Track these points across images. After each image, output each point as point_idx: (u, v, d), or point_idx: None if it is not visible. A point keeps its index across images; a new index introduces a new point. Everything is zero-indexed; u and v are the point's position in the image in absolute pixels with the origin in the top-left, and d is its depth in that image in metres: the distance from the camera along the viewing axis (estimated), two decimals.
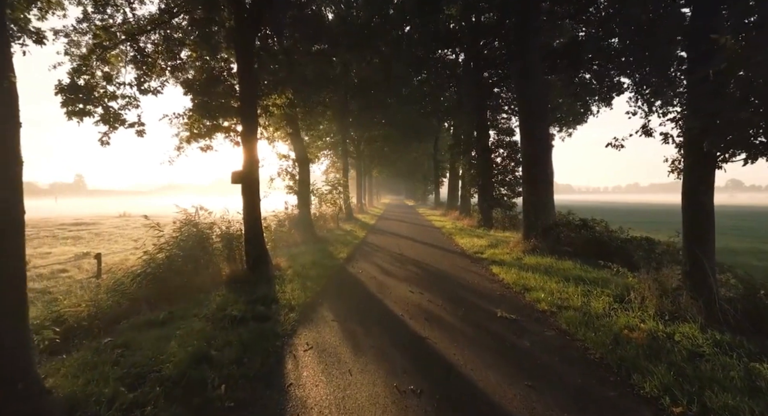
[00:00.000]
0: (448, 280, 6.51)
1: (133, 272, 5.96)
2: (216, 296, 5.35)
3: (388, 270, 7.32)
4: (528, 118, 8.95)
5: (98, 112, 6.87)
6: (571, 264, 7.02)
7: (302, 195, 11.47)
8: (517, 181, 15.33)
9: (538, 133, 8.86)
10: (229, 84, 6.96)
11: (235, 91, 6.54)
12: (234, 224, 7.19)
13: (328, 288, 5.94)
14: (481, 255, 8.86)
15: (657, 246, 7.78)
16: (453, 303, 5.10)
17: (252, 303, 4.91)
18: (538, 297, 5.17)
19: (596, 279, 5.81)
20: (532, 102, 8.85)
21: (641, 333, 3.70)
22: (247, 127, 6.64)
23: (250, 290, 5.65)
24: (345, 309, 4.91)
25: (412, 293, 5.67)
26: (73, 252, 10.65)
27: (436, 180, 32.80)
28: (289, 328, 4.18)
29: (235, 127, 7.07)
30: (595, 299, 4.87)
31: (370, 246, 10.64)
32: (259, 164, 6.84)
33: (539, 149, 8.86)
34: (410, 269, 7.46)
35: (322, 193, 15.76)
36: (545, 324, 4.28)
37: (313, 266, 7.39)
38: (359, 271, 7.27)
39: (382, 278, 6.68)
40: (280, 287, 5.79)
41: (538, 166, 8.84)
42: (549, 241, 8.48)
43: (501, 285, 6.17)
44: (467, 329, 4.15)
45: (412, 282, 6.39)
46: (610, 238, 8.22)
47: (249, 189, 6.76)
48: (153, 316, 4.54)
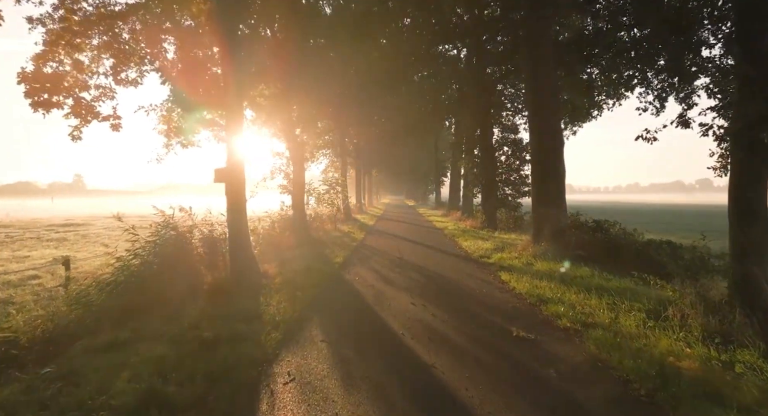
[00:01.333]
0: (453, 289, 5.88)
1: (102, 281, 5.35)
2: (192, 309, 4.72)
3: (387, 277, 6.69)
4: (538, 111, 8.32)
5: (68, 103, 6.23)
6: (588, 271, 6.39)
7: (297, 195, 10.84)
8: (522, 181, 14.73)
9: (550, 127, 8.23)
10: (212, 72, 6.33)
11: (219, 80, 5.92)
12: (218, 227, 6.56)
13: (319, 300, 5.30)
14: (488, 260, 8.22)
15: (681, 250, 7.18)
16: (460, 318, 4.47)
17: (230, 320, 4.28)
18: (557, 312, 4.54)
19: (620, 289, 5.17)
20: (543, 93, 8.21)
21: (692, 361, 3.07)
22: (232, 119, 6.02)
23: (231, 302, 5.02)
24: (337, 326, 4.28)
25: (413, 305, 5.04)
26: (52, 256, 10.02)
27: (437, 179, 32.19)
28: (270, 352, 3.55)
29: (219, 121, 6.46)
30: (625, 315, 4.24)
31: (369, 250, 10.01)
32: (246, 161, 6.20)
33: (550, 145, 8.23)
34: (411, 276, 6.83)
35: (319, 193, 15.12)
36: (571, 346, 3.65)
37: (306, 273, 6.76)
38: (356, 278, 6.64)
39: (381, 286, 6.05)
40: (265, 298, 5.16)
41: (549, 162, 8.21)
42: (561, 245, 7.84)
43: (512, 295, 5.54)
44: (479, 353, 3.52)
45: (413, 291, 5.75)
46: (628, 242, 7.60)
47: (234, 188, 6.13)
48: (114, 335, 3.90)
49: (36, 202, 73.15)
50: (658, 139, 5.91)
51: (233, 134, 6.05)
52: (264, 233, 10.33)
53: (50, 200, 76.68)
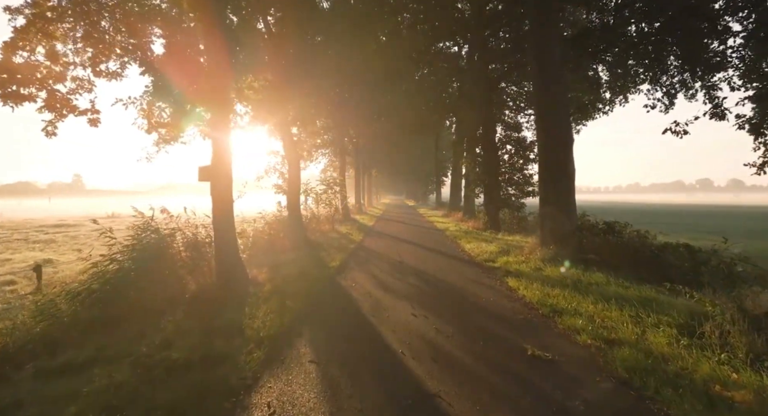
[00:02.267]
0: (458, 297, 5.41)
1: (73, 290, 4.89)
2: (169, 322, 4.25)
3: (385, 284, 6.22)
4: (546, 107, 7.85)
5: (41, 96, 5.76)
6: (602, 278, 5.91)
7: (292, 195, 10.37)
8: (526, 180, 14.26)
9: (558, 123, 7.75)
10: (197, 62, 5.85)
11: (204, 70, 5.46)
12: (203, 229, 6.08)
13: (311, 310, 4.83)
14: (493, 264, 7.75)
15: (700, 254, 6.70)
16: (467, 333, 4.00)
17: (209, 335, 3.81)
18: (574, 325, 4.07)
19: (642, 299, 4.70)
20: (551, 88, 7.74)
21: (744, 392, 2.60)
22: (217, 113, 5.55)
23: (214, 313, 4.55)
24: (329, 342, 3.81)
25: (414, 316, 4.57)
26: (35, 260, 9.55)
27: (438, 179, 31.71)
28: (250, 376, 3.08)
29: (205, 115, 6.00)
30: (653, 330, 3.76)
31: (367, 252, 9.54)
32: (236, 159, 5.74)
33: (559, 142, 7.75)
34: (412, 282, 6.36)
35: (317, 193, 14.65)
36: (595, 369, 3.17)
37: (298, 278, 6.29)
38: (352, 285, 6.17)
39: (379, 294, 5.58)
40: (251, 309, 4.69)
41: (558, 161, 7.74)
42: (571, 248, 7.37)
43: (522, 304, 5.06)
44: (491, 378, 3.05)
45: (414, 300, 5.29)
46: (643, 245, 7.11)
47: (219, 188, 5.66)
48: (74, 355, 3.44)
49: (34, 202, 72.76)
50: (689, 133, 5.47)
51: (219, 129, 5.58)
52: (256, 235, 9.88)
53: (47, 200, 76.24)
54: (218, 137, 5.60)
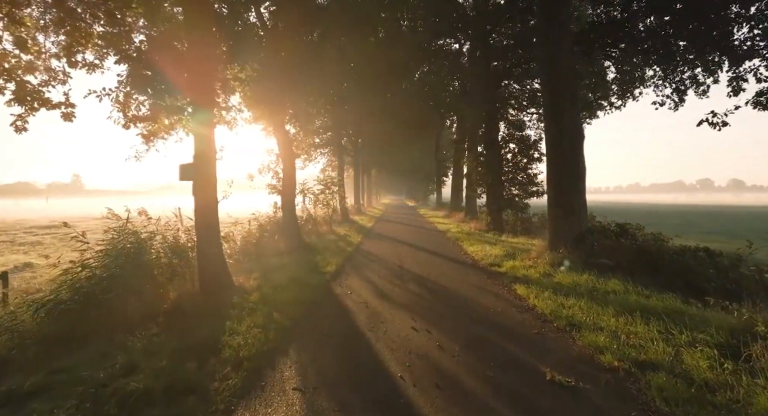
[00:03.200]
0: (462, 307, 4.93)
1: (39, 300, 4.42)
2: (138, 339, 3.78)
3: (384, 291, 5.75)
4: (555, 101, 7.38)
5: (9, 87, 5.30)
6: (619, 285, 5.43)
7: (287, 195, 9.90)
8: (530, 180, 13.78)
9: (568, 119, 7.28)
10: (177, 49, 5.35)
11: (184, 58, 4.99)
12: (183, 234, 5.60)
13: (300, 324, 4.36)
14: (499, 269, 7.28)
15: (721, 259, 6.23)
16: (475, 351, 3.53)
17: (181, 355, 3.34)
18: (596, 343, 3.59)
19: (668, 311, 4.22)
20: (561, 82, 7.27)
21: None
22: (199, 106, 5.08)
23: (191, 327, 4.09)
24: (318, 363, 3.34)
25: (415, 331, 4.10)
26: (15, 263, 9.09)
27: (438, 179, 31.21)
28: (221, 409, 2.61)
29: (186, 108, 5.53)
30: (688, 350, 3.29)
31: (365, 256, 9.07)
32: (223, 156, 5.28)
33: (569, 139, 7.28)
34: (412, 289, 5.89)
35: (314, 194, 14.18)
36: (628, 399, 2.70)
37: (290, 286, 5.81)
38: (348, 293, 5.70)
39: (376, 304, 5.11)
40: (234, 322, 4.21)
41: (568, 159, 7.27)
42: (583, 252, 6.90)
43: (534, 316, 4.59)
44: (506, 411, 2.58)
45: (414, 310, 4.81)
46: (659, 249, 6.64)
47: (203, 188, 5.19)
48: (21, 381, 2.97)
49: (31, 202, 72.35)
50: (729, 124, 5.02)
51: (202, 123, 5.11)
52: (248, 237, 9.41)
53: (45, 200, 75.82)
54: (201, 132, 5.13)
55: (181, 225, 5.74)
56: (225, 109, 6.01)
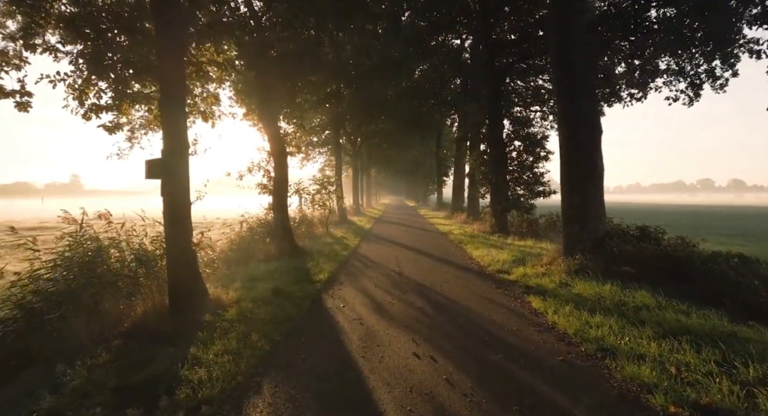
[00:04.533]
0: (472, 326, 4.26)
1: None
2: (78, 372, 3.10)
3: (381, 305, 5.08)
4: (569, 93, 6.71)
5: None
6: (649, 298, 4.77)
7: (278, 195, 9.24)
8: (536, 179, 13.10)
9: (585, 112, 6.61)
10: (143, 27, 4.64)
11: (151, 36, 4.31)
12: (145, 238, 4.92)
13: (281, 348, 3.68)
14: (508, 277, 6.61)
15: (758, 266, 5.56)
16: (493, 389, 2.86)
17: (124, 396, 2.67)
18: (639, 376, 2.92)
19: (718, 333, 3.55)
20: (576, 71, 6.60)
21: None
22: (169, 92, 4.41)
23: (149, 354, 3.41)
24: (296, 405, 2.67)
25: (417, 358, 3.43)
26: None
27: (439, 179, 30.57)
28: None
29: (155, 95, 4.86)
30: (764, 391, 2.61)
31: (362, 261, 8.40)
32: (200, 151, 4.62)
33: (586, 134, 6.62)
34: (413, 302, 5.21)
35: (309, 194, 13.50)
36: None
37: (274, 299, 5.14)
38: (340, 306, 5.03)
39: (372, 321, 4.44)
40: (200, 349, 3.53)
41: (585, 156, 6.60)
42: (602, 259, 6.23)
43: (556, 336, 3.92)
44: None
45: (416, 329, 4.15)
46: (688, 255, 5.96)
47: (173, 187, 4.52)
48: None
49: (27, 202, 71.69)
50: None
51: (171, 113, 4.44)
52: (236, 242, 8.77)
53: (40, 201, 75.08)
54: (171, 124, 4.46)
55: (150, 230, 5.06)
56: (202, 99, 5.34)
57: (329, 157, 30.69)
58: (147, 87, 4.97)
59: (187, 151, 4.62)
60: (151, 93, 4.91)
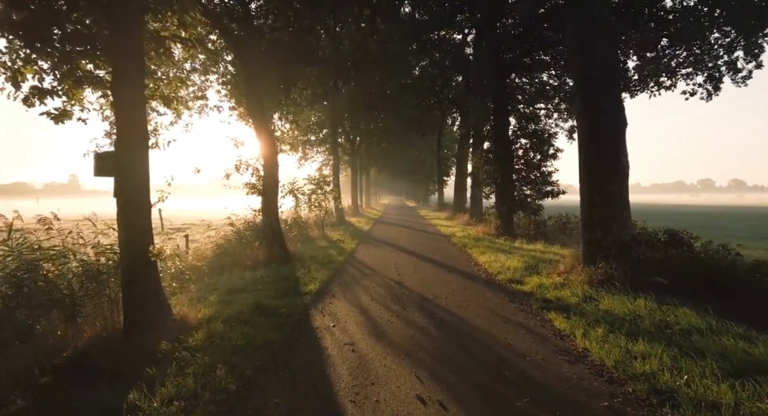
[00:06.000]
0: (487, 355, 3.52)
1: None
2: None
3: (378, 324, 4.34)
4: (591, 81, 5.97)
5: None
6: (694, 317, 4.03)
7: (268, 196, 8.49)
8: (544, 179, 12.36)
9: (609, 103, 5.88)
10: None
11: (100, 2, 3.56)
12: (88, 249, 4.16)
13: (251, 389, 2.94)
14: (521, 287, 5.88)
15: None
16: None
17: None
18: None
19: None
20: (599, 55, 5.86)
21: None
22: (122, 73, 3.67)
23: (79, 399, 2.68)
24: None
25: (422, 403, 2.70)
26: None
27: (440, 179, 29.82)
28: None
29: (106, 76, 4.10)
30: None
31: (359, 268, 7.66)
32: (151, 140, 3.89)
33: (610, 128, 5.88)
34: (415, 320, 4.47)
35: (304, 194, 12.75)
36: None
37: (253, 317, 4.39)
38: (330, 326, 4.29)
39: (367, 347, 3.70)
40: (144, 393, 2.78)
41: (608, 152, 5.86)
42: (628, 267, 5.49)
43: (592, 369, 3.18)
44: None
45: (419, 359, 3.41)
46: (732, 264, 5.22)
47: (129, 187, 3.79)
48: None
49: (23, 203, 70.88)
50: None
51: (126, 97, 3.71)
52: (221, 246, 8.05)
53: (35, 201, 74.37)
54: (126, 110, 3.73)
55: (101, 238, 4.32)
56: (165, 83, 4.57)
57: (327, 157, 29.96)
58: (102, 67, 4.23)
59: (146, 143, 3.88)
60: (107, 74, 4.18)
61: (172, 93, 4.39)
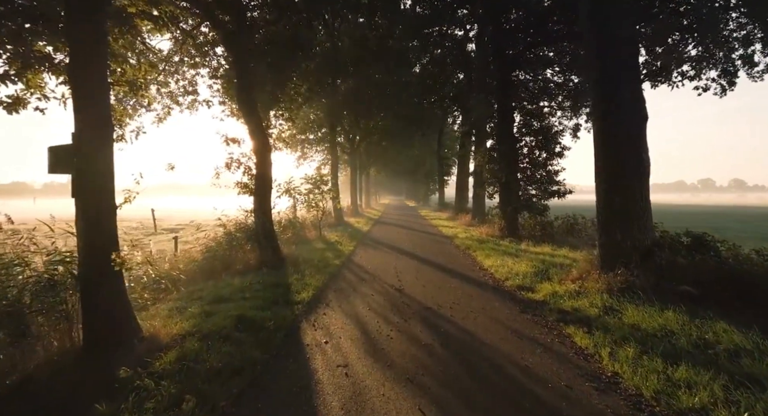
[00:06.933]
0: (501, 380, 3.03)
1: None
2: None
3: (376, 341, 3.85)
4: (610, 69, 5.47)
5: None
6: (735, 333, 3.54)
7: (260, 196, 8.00)
8: (551, 178, 11.87)
9: (629, 94, 5.38)
10: None
11: None
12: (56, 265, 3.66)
13: None
14: (533, 296, 5.38)
15: None
16: None
17: None
18: None
19: None
20: (618, 39, 5.37)
21: None
22: (81, 52, 3.19)
23: None
24: None
25: None
26: None
27: (441, 178, 29.32)
28: None
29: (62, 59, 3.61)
30: None
31: (356, 273, 7.17)
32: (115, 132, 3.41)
33: (630, 122, 5.39)
34: (418, 336, 3.98)
35: (301, 193, 12.26)
36: None
37: (235, 332, 3.90)
38: (322, 342, 3.80)
39: (363, 371, 3.21)
40: None
41: (629, 148, 5.37)
42: (652, 274, 5.00)
43: (628, 401, 2.69)
44: None
45: (423, 386, 2.92)
46: (765, 270, 4.73)
47: (89, 186, 3.30)
48: None
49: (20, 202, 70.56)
50: None
51: (86, 82, 3.22)
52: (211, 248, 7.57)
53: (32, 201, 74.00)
54: (85, 96, 3.24)
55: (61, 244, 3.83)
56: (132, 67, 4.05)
57: (327, 156, 29.46)
58: (61, 50, 3.75)
59: (110, 135, 3.39)
60: (66, 57, 3.70)
61: (141, 78, 3.90)
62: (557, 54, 14.95)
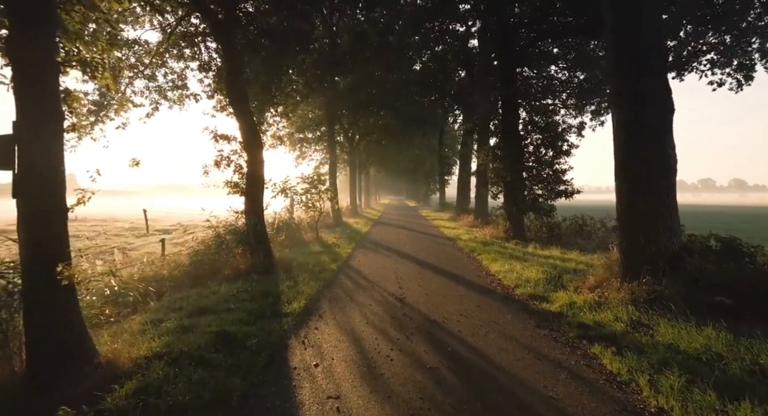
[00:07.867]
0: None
1: None
2: None
3: (373, 363, 3.33)
4: (635, 58, 4.96)
5: None
6: None
7: (251, 196, 7.49)
8: (558, 177, 11.35)
9: (655, 85, 4.87)
10: None
11: None
12: None
13: None
14: (548, 306, 4.87)
15: None
16: None
17: None
18: None
19: None
20: (645, 23, 4.85)
21: None
22: (22, 23, 2.68)
23: None
24: None
25: None
26: None
27: (442, 178, 28.79)
28: None
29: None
30: None
31: (354, 279, 6.66)
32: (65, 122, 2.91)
33: (655, 116, 4.88)
34: (421, 356, 3.46)
35: (297, 193, 11.74)
36: None
37: (212, 353, 3.38)
38: (312, 365, 3.28)
39: (357, 404, 2.69)
40: None
41: (654, 145, 4.86)
42: (682, 284, 4.49)
43: None
44: None
45: None
46: None
47: (30, 183, 2.79)
48: None
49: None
50: None
51: (29, 59, 2.72)
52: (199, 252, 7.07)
53: None
54: (28, 77, 2.73)
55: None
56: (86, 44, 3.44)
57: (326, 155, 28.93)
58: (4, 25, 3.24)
59: (60, 125, 2.88)
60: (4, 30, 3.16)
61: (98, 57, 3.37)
62: (562, 50, 14.47)
